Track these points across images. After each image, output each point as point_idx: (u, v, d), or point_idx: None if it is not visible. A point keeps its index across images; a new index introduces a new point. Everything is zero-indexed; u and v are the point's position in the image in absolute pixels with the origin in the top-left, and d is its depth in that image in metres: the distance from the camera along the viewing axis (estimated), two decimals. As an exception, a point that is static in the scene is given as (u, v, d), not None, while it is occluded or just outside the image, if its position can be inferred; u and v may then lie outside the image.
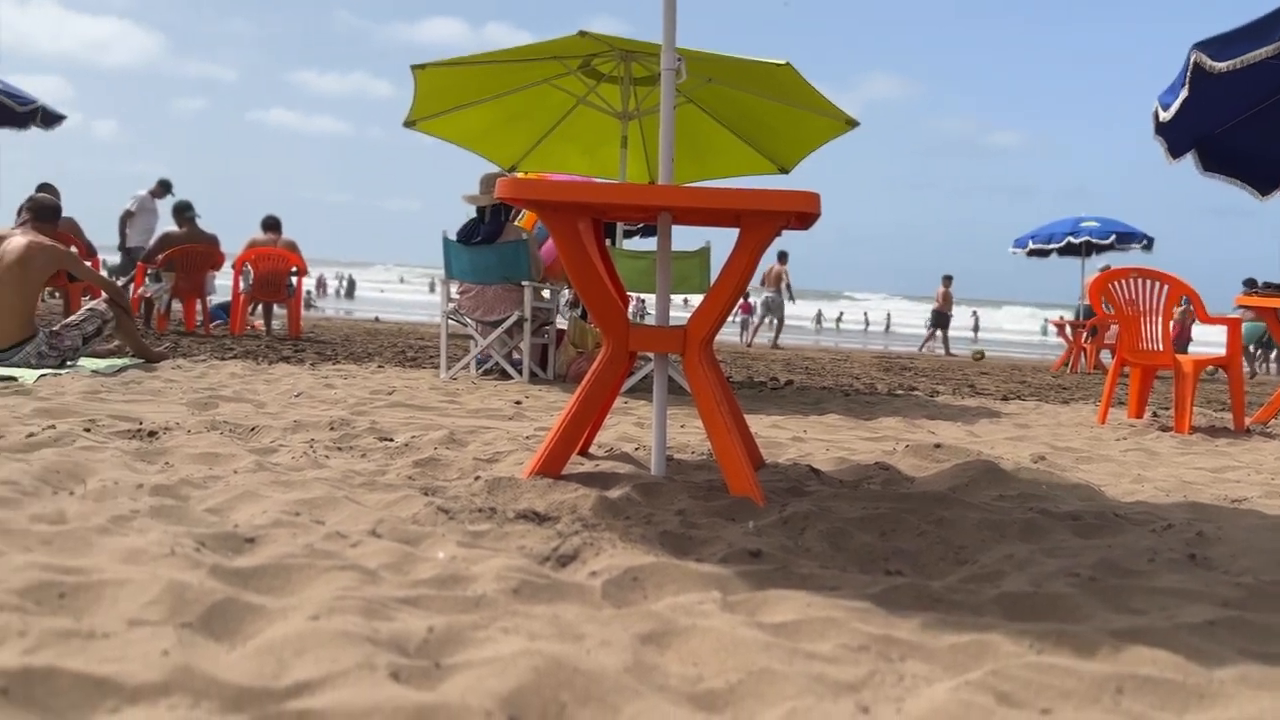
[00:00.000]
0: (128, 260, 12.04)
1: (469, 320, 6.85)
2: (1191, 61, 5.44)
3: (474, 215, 6.76)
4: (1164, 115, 5.98)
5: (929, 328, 19.96)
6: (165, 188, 12.46)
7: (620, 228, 8.26)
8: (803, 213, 2.56)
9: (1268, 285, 6.19)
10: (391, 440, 3.38)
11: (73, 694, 1.15)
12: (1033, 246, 16.26)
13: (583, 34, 6.35)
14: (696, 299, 6.87)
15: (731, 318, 20.05)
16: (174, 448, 2.92)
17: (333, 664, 1.28)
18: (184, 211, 10.40)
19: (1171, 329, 5.62)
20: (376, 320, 19.27)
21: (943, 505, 2.54)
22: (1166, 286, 5.51)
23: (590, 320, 7.12)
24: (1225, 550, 2.22)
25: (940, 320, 19.63)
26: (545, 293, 6.78)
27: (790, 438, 4.12)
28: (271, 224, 11.57)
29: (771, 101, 7.17)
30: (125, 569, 1.64)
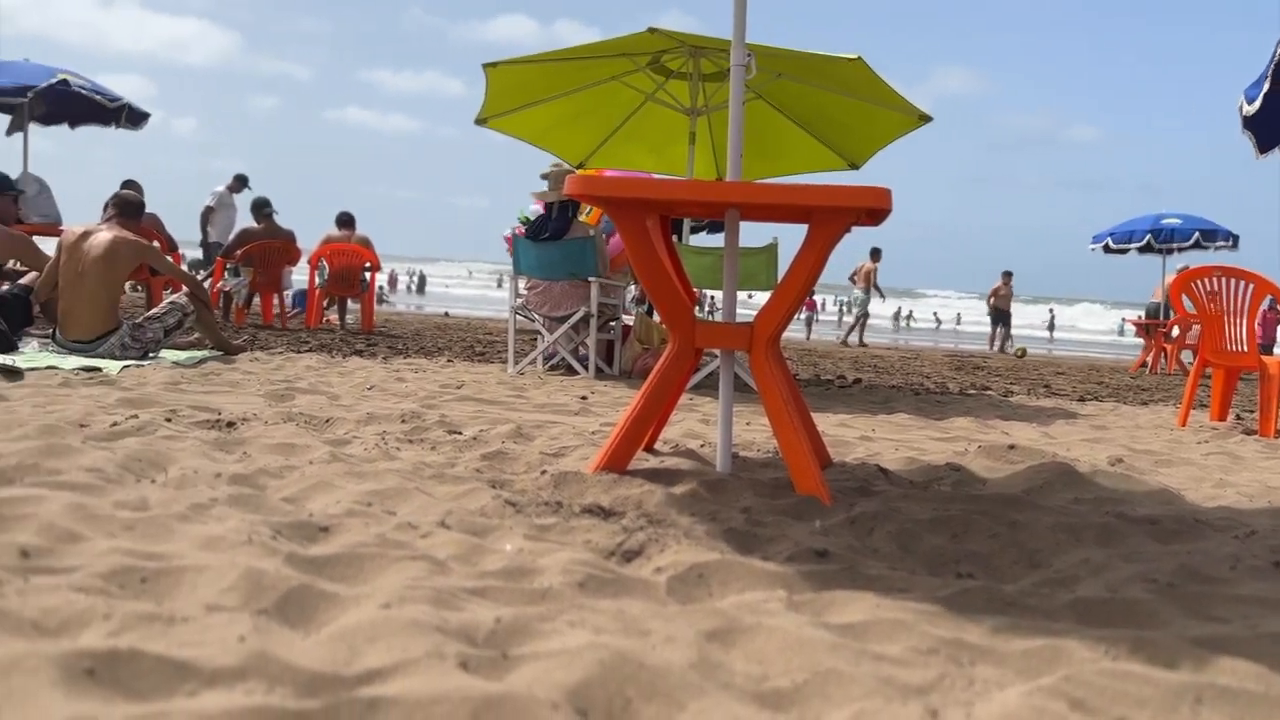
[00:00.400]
0: (208, 255, 12.38)
1: (536, 316, 6.90)
2: (1277, 55, 5.27)
3: (522, 216, 6.80)
4: (1248, 109, 5.82)
5: (992, 326, 19.55)
6: (242, 182, 12.77)
7: (686, 224, 8.25)
8: (873, 208, 2.52)
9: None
10: (460, 433, 3.42)
11: (154, 676, 1.18)
12: (1111, 244, 15.83)
13: (652, 30, 6.35)
14: (762, 296, 6.83)
15: (797, 316, 19.88)
16: (251, 438, 2.99)
17: (403, 652, 1.30)
18: (262, 208, 10.65)
19: (1257, 330, 5.45)
20: (446, 315, 19.53)
21: (1016, 508, 2.49)
22: (1252, 286, 5.34)
23: (657, 316, 7.12)
24: (1313, 559, 2.14)
25: (1000, 317, 19.15)
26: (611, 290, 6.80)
27: (858, 437, 4.08)
28: (346, 220, 11.81)
29: (842, 96, 7.08)
30: (204, 555, 1.69)
